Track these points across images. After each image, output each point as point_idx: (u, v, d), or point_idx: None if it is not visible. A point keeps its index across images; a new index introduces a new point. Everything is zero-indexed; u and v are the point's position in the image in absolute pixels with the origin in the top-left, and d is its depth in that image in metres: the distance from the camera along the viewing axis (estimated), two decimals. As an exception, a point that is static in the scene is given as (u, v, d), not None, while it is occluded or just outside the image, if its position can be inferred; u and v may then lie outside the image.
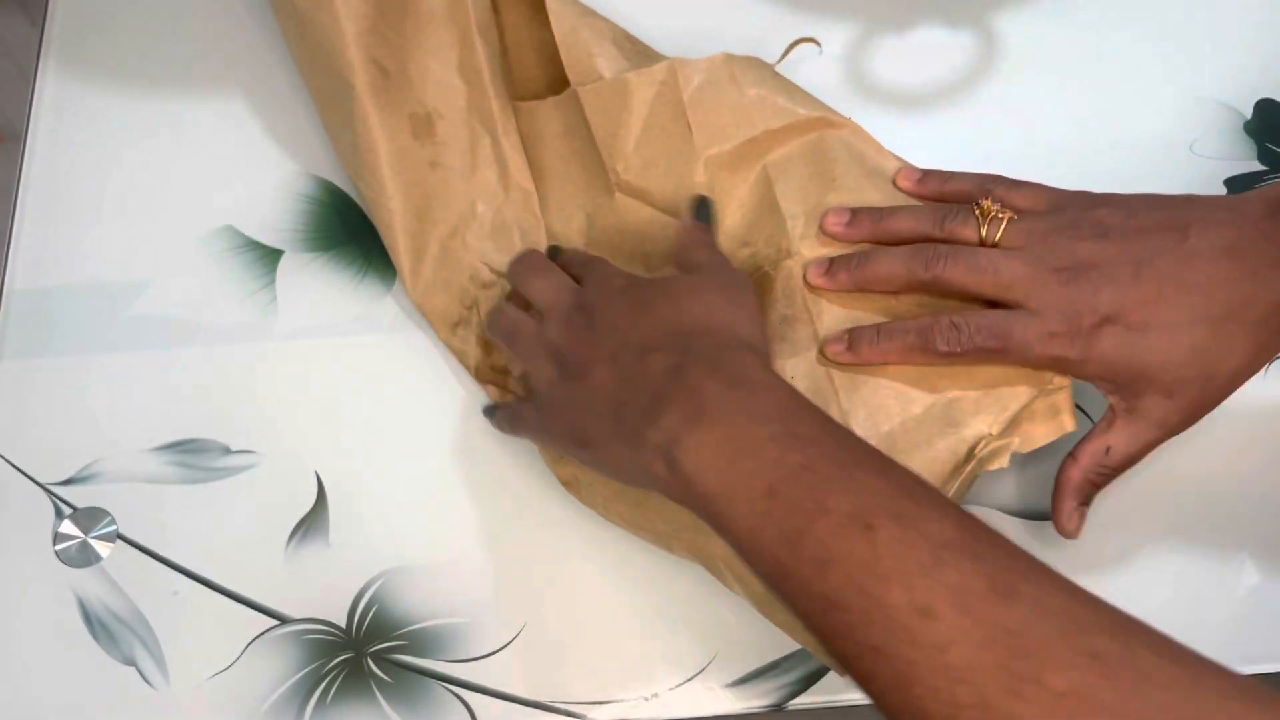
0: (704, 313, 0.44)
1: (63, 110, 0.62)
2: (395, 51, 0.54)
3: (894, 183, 0.52)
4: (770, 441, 0.36)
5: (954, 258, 0.46)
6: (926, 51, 0.64)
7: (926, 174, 0.52)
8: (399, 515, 0.52)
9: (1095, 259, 0.45)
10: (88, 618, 0.50)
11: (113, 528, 0.52)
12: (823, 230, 0.50)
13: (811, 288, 0.49)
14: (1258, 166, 0.60)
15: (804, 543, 0.34)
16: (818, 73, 0.63)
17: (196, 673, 0.49)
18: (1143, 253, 0.44)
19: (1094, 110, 0.62)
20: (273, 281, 0.58)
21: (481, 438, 0.54)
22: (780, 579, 0.35)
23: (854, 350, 0.47)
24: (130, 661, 0.49)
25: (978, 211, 0.48)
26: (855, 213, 0.50)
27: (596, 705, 0.49)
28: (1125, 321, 0.44)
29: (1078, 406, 0.54)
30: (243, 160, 0.61)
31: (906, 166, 0.53)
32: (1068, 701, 0.28)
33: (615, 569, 0.51)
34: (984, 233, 0.47)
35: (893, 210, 0.50)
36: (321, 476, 0.53)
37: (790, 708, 0.49)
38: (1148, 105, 0.62)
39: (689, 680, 0.49)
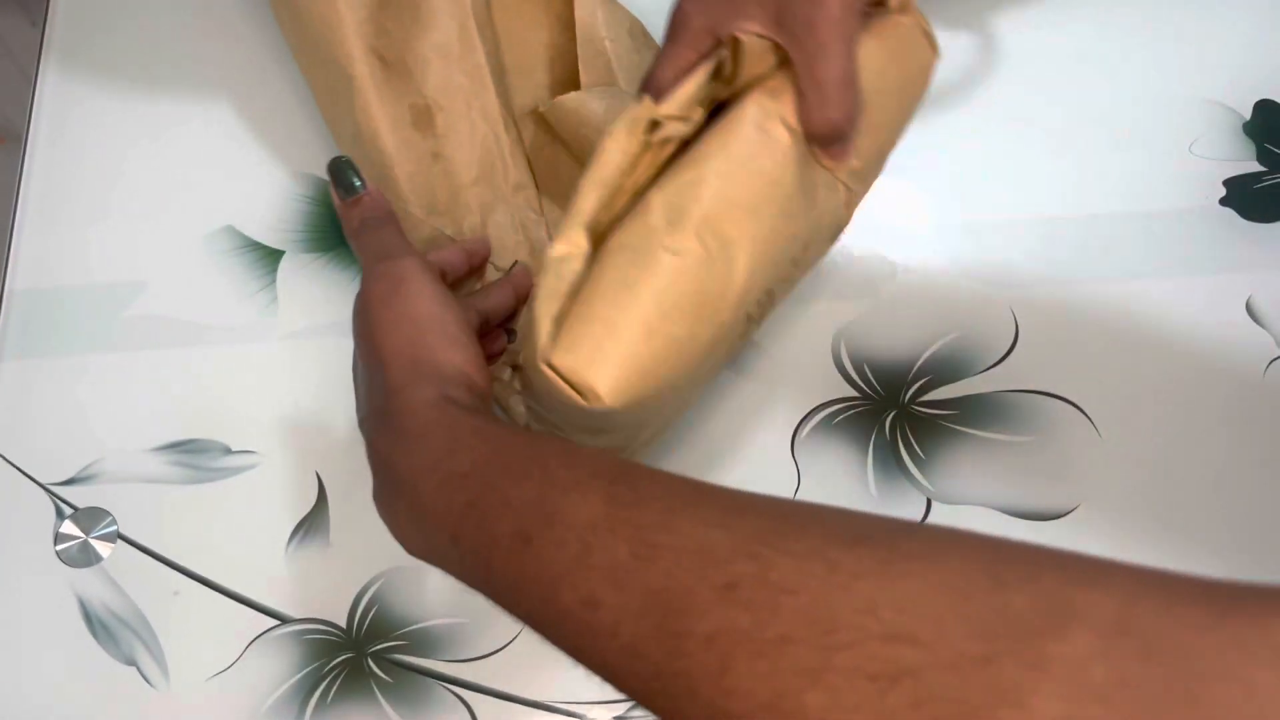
0: (366, 348, 0.43)
1: (63, 111, 0.63)
2: (395, 43, 0.54)
3: None
4: (438, 491, 0.36)
5: None
6: (926, 52, 0.64)
7: None
8: (399, 515, 0.52)
9: None
10: (88, 618, 0.50)
11: (113, 528, 0.52)
12: None
13: None
14: (1257, 167, 0.60)
15: (492, 576, 0.34)
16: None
17: (197, 673, 0.49)
18: None
19: (1094, 110, 0.62)
20: (273, 282, 0.58)
21: (482, 438, 0.54)
22: (505, 610, 0.35)
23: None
24: (131, 661, 0.50)
25: None
26: None
27: (596, 705, 0.49)
28: None
29: (1078, 407, 0.55)
30: (243, 160, 0.61)
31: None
32: (718, 643, 0.27)
33: (615, 569, 0.51)
34: None
35: None
36: (322, 476, 0.53)
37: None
38: (1148, 105, 0.62)
39: (689, 680, 0.49)
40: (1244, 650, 0.23)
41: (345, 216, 0.49)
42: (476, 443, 0.37)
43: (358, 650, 0.50)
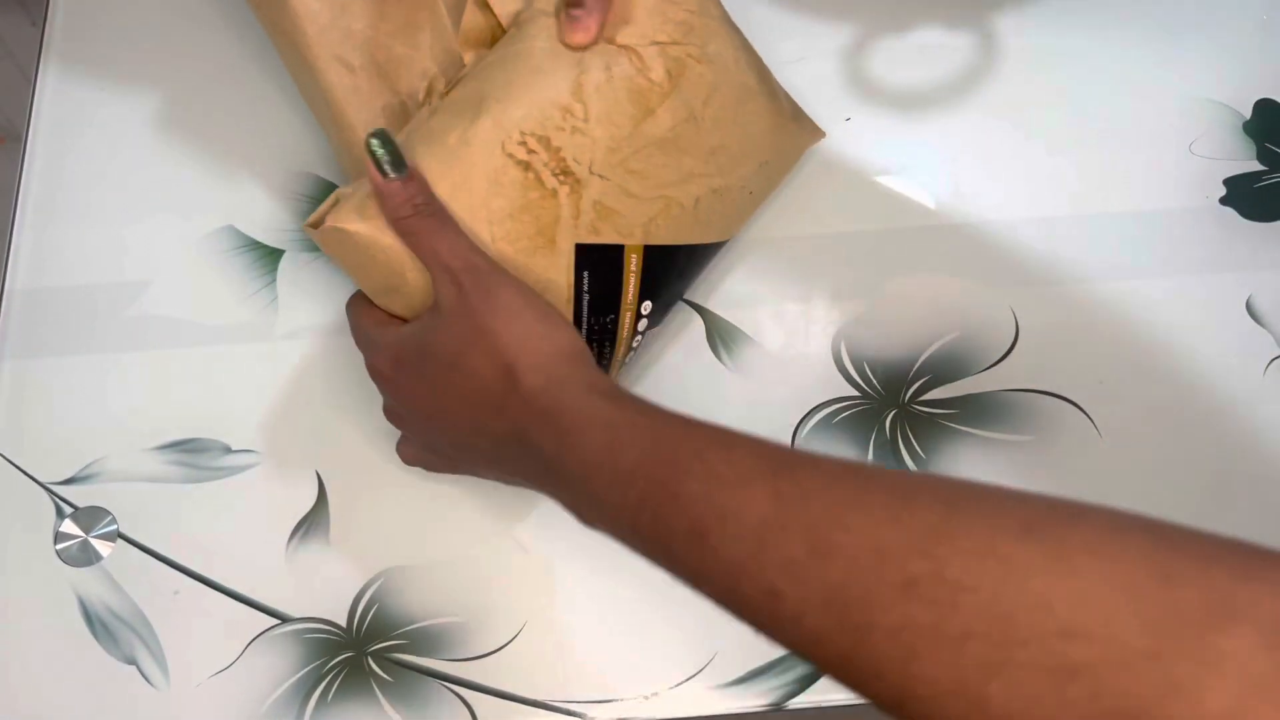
0: (478, 355, 0.43)
1: (63, 111, 0.63)
2: (361, 45, 0.52)
3: None
4: (609, 488, 0.38)
5: None
6: (926, 52, 0.64)
7: None
8: (399, 515, 0.52)
9: None
10: (88, 617, 0.50)
11: (113, 527, 0.52)
12: None
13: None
14: (1257, 166, 0.60)
15: (675, 566, 0.36)
16: (818, 73, 0.63)
17: (197, 672, 0.49)
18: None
19: (1094, 111, 0.62)
20: (273, 281, 0.58)
21: (482, 437, 0.54)
22: (693, 588, 0.36)
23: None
24: (131, 661, 0.49)
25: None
26: None
27: (596, 705, 0.49)
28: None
29: (1078, 407, 0.55)
30: (243, 160, 0.61)
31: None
32: (902, 636, 0.29)
33: (615, 569, 0.51)
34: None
35: None
36: (322, 476, 0.53)
37: (789, 707, 0.49)
38: (1148, 105, 0.62)
39: (689, 680, 0.49)
40: None
41: (388, 196, 0.45)
42: (635, 436, 0.38)
43: (358, 649, 0.50)
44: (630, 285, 0.50)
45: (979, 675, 0.28)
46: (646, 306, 0.51)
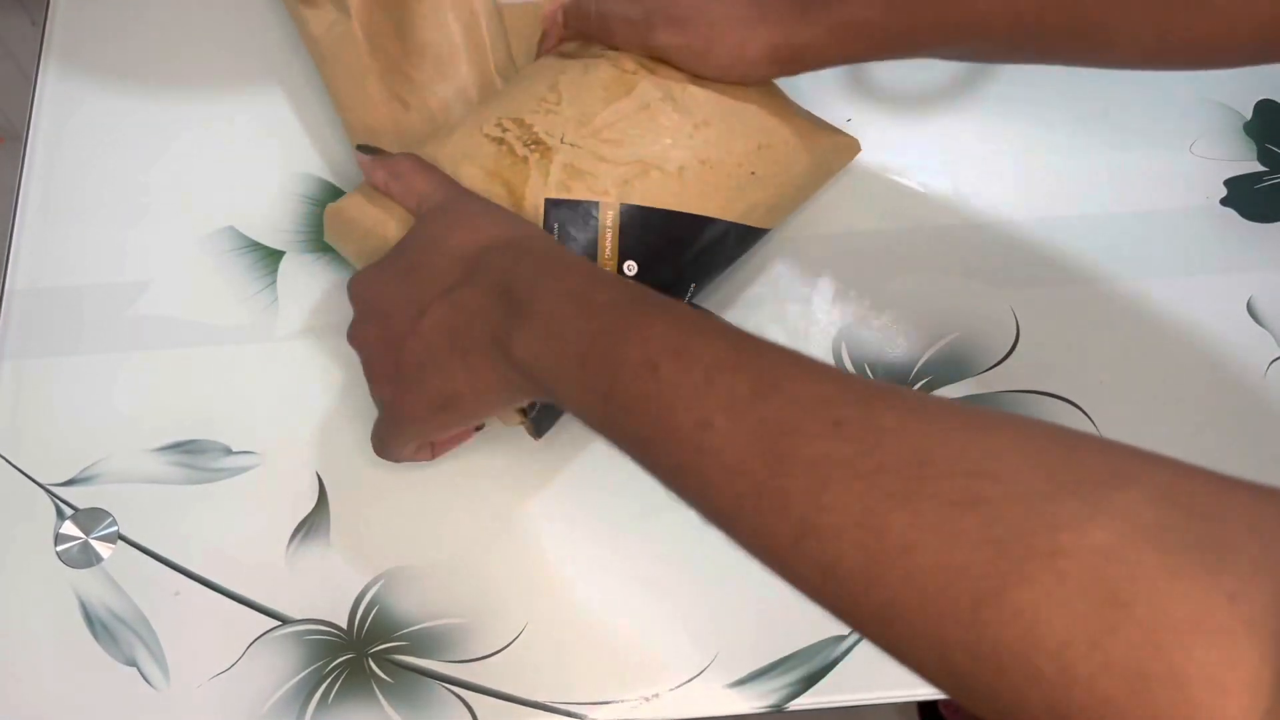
0: (467, 235, 0.46)
1: (63, 111, 0.63)
2: (417, 89, 0.56)
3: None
4: (575, 318, 0.40)
5: None
6: (927, 52, 0.64)
7: None
8: (399, 515, 0.52)
9: None
10: (89, 618, 0.50)
11: (114, 528, 0.52)
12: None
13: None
14: (1258, 167, 0.60)
15: (613, 395, 0.37)
16: (818, 73, 0.63)
17: (197, 673, 0.49)
18: None
19: (1094, 110, 0.62)
20: (273, 282, 0.58)
21: (482, 437, 0.54)
22: (606, 429, 0.39)
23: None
24: (131, 662, 0.50)
25: None
26: None
27: (596, 705, 0.49)
28: None
29: (1078, 407, 0.55)
30: (243, 161, 0.61)
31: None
32: (819, 466, 0.31)
33: (615, 569, 0.51)
34: None
35: None
36: (322, 477, 0.53)
37: (790, 708, 0.49)
38: (1148, 105, 0.62)
39: (689, 680, 0.49)
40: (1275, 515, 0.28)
41: (370, 170, 0.51)
42: (615, 283, 0.41)
43: (358, 651, 0.50)
44: (607, 240, 0.50)
45: (884, 505, 0.30)
46: (630, 266, 0.51)
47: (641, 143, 0.52)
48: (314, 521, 0.52)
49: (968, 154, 0.61)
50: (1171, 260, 0.58)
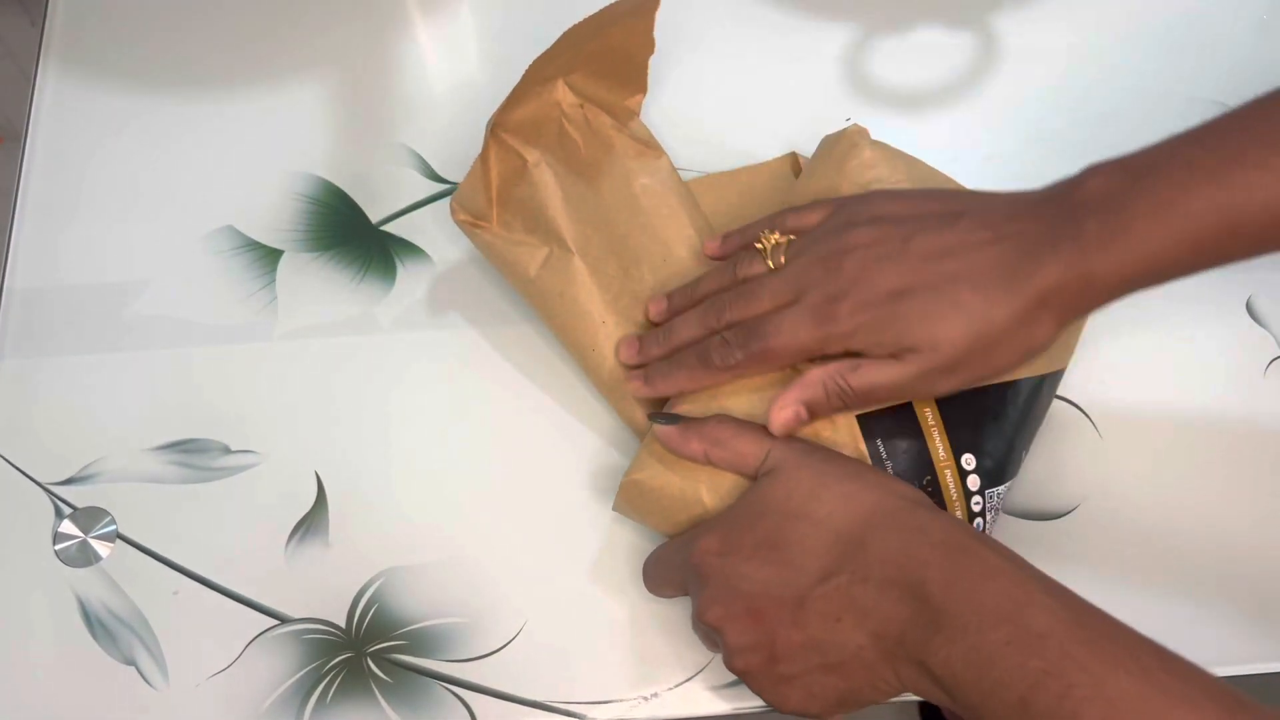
0: (835, 505, 0.42)
1: (63, 110, 0.63)
2: (643, 301, 0.52)
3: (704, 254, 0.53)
4: (1012, 649, 0.36)
5: (735, 298, 0.47)
6: (926, 52, 0.64)
7: (727, 235, 0.52)
8: (399, 515, 0.52)
9: (864, 241, 0.45)
10: (88, 617, 0.50)
11: (113, 528, 0.52)
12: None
13: None
14: (1257, 167, 0.60)
15: None
16: (818, 73, 0.63)
17: (196, 672, 0.49)
18: (913, 231, 0.44)
19: (1094, 110, 0.62)
20: (273, 281, 0.58)
21: (481, 437, 0.54)
22: None
23: (650, 384, 0.49)
24: (130, 661, 0.49)
25: (760, 245, 0.48)
26: (667, 298, 0.51)
27: (596, 705, 0.49)
28: (888, 289, 0.43)
29: (1078, 407, 0.55)
30: (243, 160, 0.61)
31: (710, 237, 0.53)
32: None
33: (615, 569, 0.51)
34: (770, 263, 0.47)
35: (695, 282, 0.50)
36: (321, 476, 0.53)
37: (790, 708, 0.49)
38: (1148, 105, 0.62)
39: (689, 680, 0.49)
40: None
41: (681, 444, 0.47)
42: (1050, 601, 0.37)
43: (357, 650, 0.50)
44: (936, 440, 0.47)
45: None
46: (969, 460, 0.47)
47: None
48: (313, 520, 0.52)
49: (968, 154, 0.61)
50: (1171, 260, 0.57)
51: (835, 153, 0.53)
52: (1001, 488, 0.47)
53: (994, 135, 0.61)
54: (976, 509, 0.47)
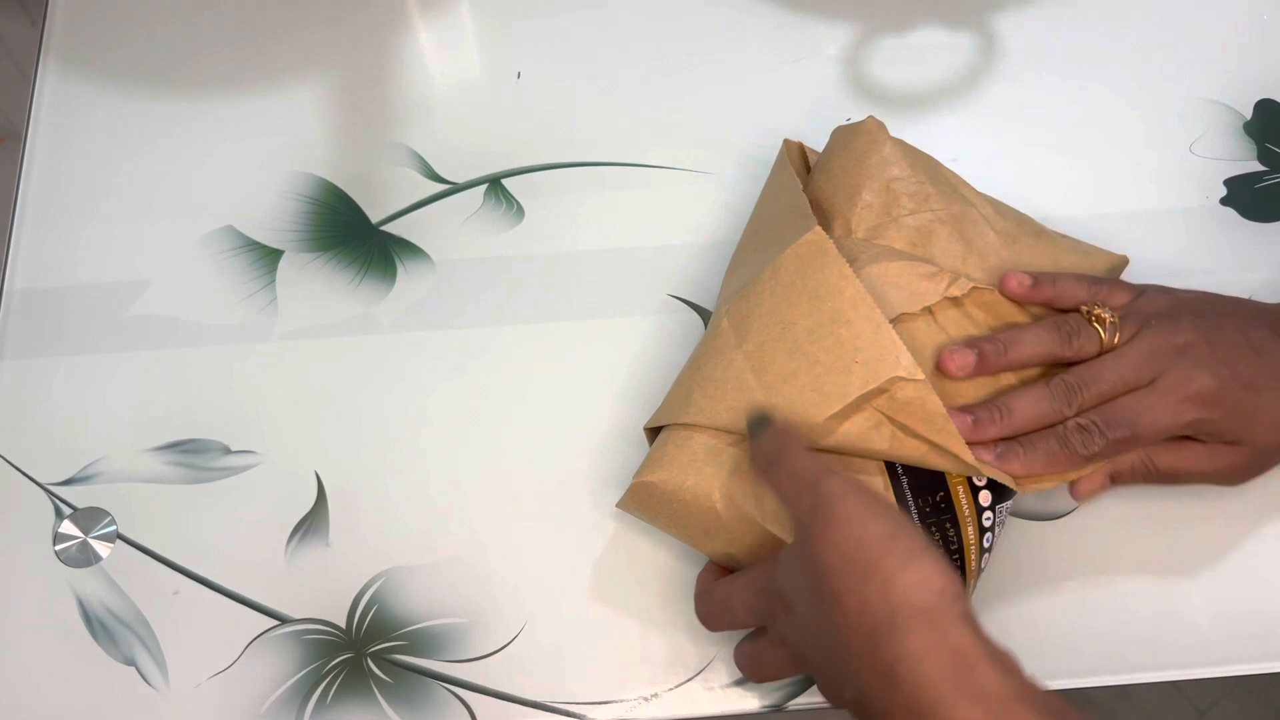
0: (835, 599, 0.39)
1: (63, 110, 0.63)
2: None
3: (1001, 291, 0.50)
4: None
5: (1088, 381, 0.48)
6: (926, 52, 0.64)
7: (1036, 281, 0.50)
8: (399, 515, 0.52)
9: (1201, 329, 0.48)
10: (88, 618, 0.50)
11: (113, 528, 0.52)
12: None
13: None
14: (1258, 167, 0.60)
15: None
16: (819, 73, 0.63)
17: (196, 673, 0.49)
18: (1249, 328, 0.48)
19: (1094, 110, 0.62)
20: (272, 281, 0.58)
21: (481, 438, 0.54)
22: None
23: (1004, 463, 0.47)
24: (130, 661, 0.49)
25: (1096, 324, 0.49)
26: (979, 350, 0.48)
27: (596, 705, 0.49)
28: (1244, 382, 0.47)
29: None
30: (243, 160, 0.61)
31: (1012, 274, 0.50)
32: None
33: (615, 569, 0.51)
34: (1105, 341, 0.48)
35: (1016, 337, 0.49)
36: (321, 476, 0.53)
37: (790, 708, 0.49)
38: (1148, 105, 0.62)
39: (689, 680, 0.49)
40: None
41: (753, 455, 0.45)
42: (1046, 696, 0.37)
43: (357, 650, 0.50)
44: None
45: None
46: (985, 497, 0.47)
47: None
48: (313, 521, 0.52)
49: (968, 154, 0.61)
50: (1171, 260, 0.57)
51: (855, 146, 0.52)
52: (1008, 502, 0.48)
53: (994, 135, 0.61)
54: (987, 524, 0.47)
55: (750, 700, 0.49)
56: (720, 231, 0.59)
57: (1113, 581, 0.50)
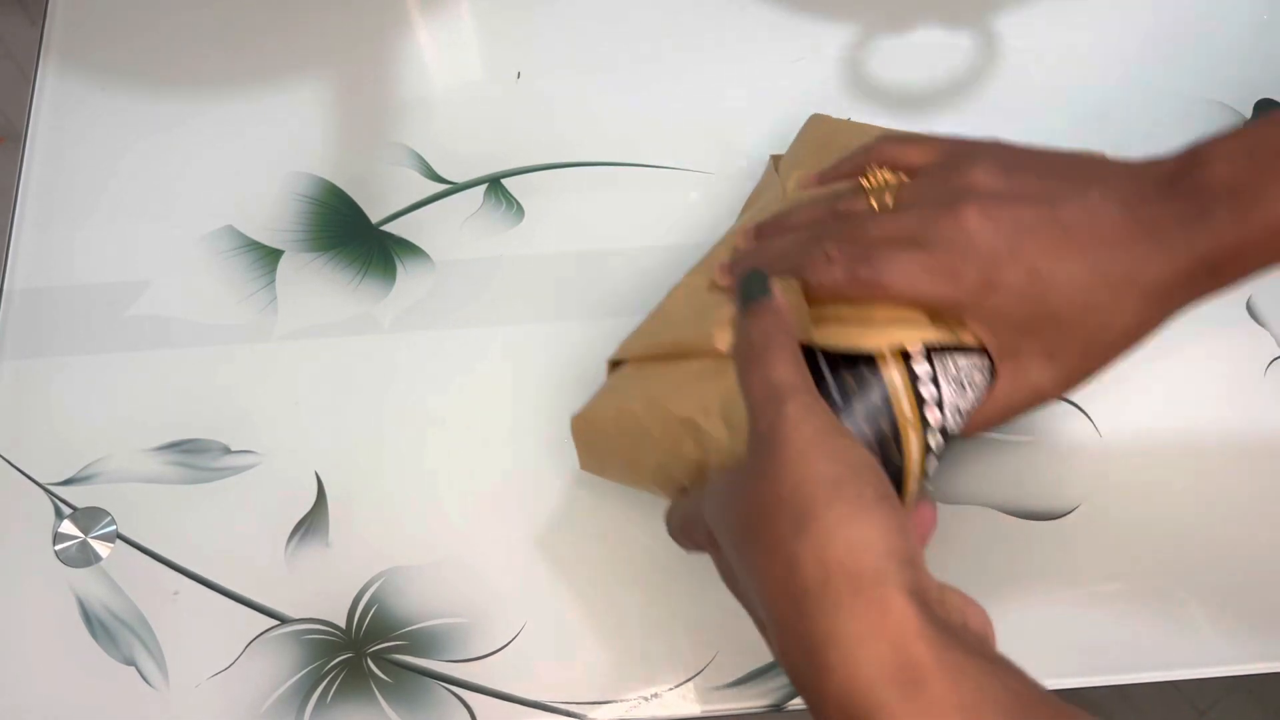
0: (765, 542, 0.34)
1: (63, 110, 0.63)
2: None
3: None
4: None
5: (841, 225, 0.42)
6: (926, 52, 0.64)
7: (823, 172, 0.48)
8: (399, 515, 0.52)
9: (995, 190, 0.41)
10: (87, 618, 0.50)
11: (112, 528, 0.52)
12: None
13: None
14: (1257, 167, 0.60)
15: None
16: (818, 73, 0.63)
17: (196, 673, 0.49)
18: (1048, 195, 0.41)
19: (1094, 110, 0.62)
20: (272, 282, 0.58)
21: (482, 438, 0.54)
22: None
23: (733, 268, 0.46)
24: (130, 661, 0.49)
25: (866, 183, 0.43)
26: (756, 229, 0.46)
27: (596, 705, 0.49)
28: (1022, 265, 0.40)
29: (1078, 407, 0.55)
30: (243, 160, 0.61)
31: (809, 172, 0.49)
32: None
33: (615, 569, 0.51)
34: (875, 204, 0.43)
35: (787, 211, 0.46)
36: (321, 476, 0.53)
37: (790, 708, 0.49)
38: (1148, 105, 0.62)
39: (689, 680, 0.49)
40: None
41: (738, 336, 0.41)
42: (1009, 700, 0.31)
43: (357, 650, 0.50)
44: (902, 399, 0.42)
45: None
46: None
47: None
48: (313, 521, 0.52)
49: (967, 154, 0.61)
50: (1171, 260, 0.57)
51: (820, 130, 0.55)
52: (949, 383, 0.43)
53: (994, 135, 0.61)
54: (938, 425, 0.43)
55: (750, 700, 0.49)
56: (720, 232, 0.59)
57: (1112, 581, 0.50)
